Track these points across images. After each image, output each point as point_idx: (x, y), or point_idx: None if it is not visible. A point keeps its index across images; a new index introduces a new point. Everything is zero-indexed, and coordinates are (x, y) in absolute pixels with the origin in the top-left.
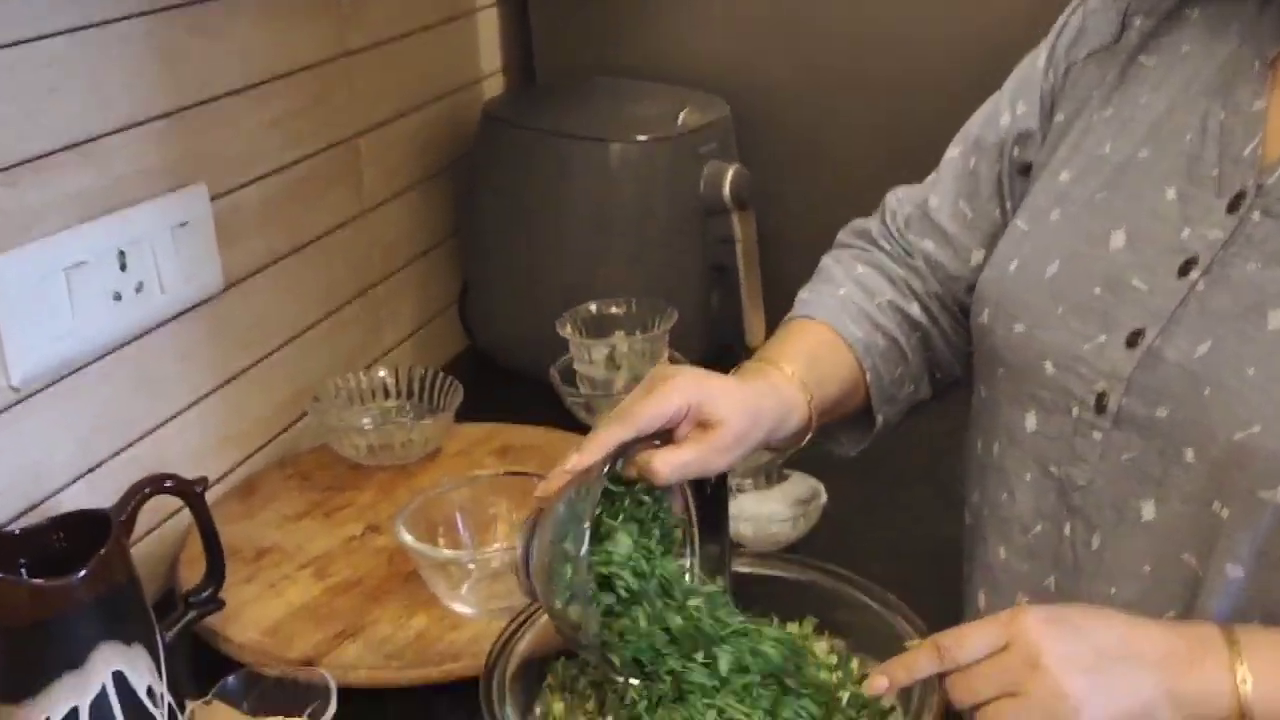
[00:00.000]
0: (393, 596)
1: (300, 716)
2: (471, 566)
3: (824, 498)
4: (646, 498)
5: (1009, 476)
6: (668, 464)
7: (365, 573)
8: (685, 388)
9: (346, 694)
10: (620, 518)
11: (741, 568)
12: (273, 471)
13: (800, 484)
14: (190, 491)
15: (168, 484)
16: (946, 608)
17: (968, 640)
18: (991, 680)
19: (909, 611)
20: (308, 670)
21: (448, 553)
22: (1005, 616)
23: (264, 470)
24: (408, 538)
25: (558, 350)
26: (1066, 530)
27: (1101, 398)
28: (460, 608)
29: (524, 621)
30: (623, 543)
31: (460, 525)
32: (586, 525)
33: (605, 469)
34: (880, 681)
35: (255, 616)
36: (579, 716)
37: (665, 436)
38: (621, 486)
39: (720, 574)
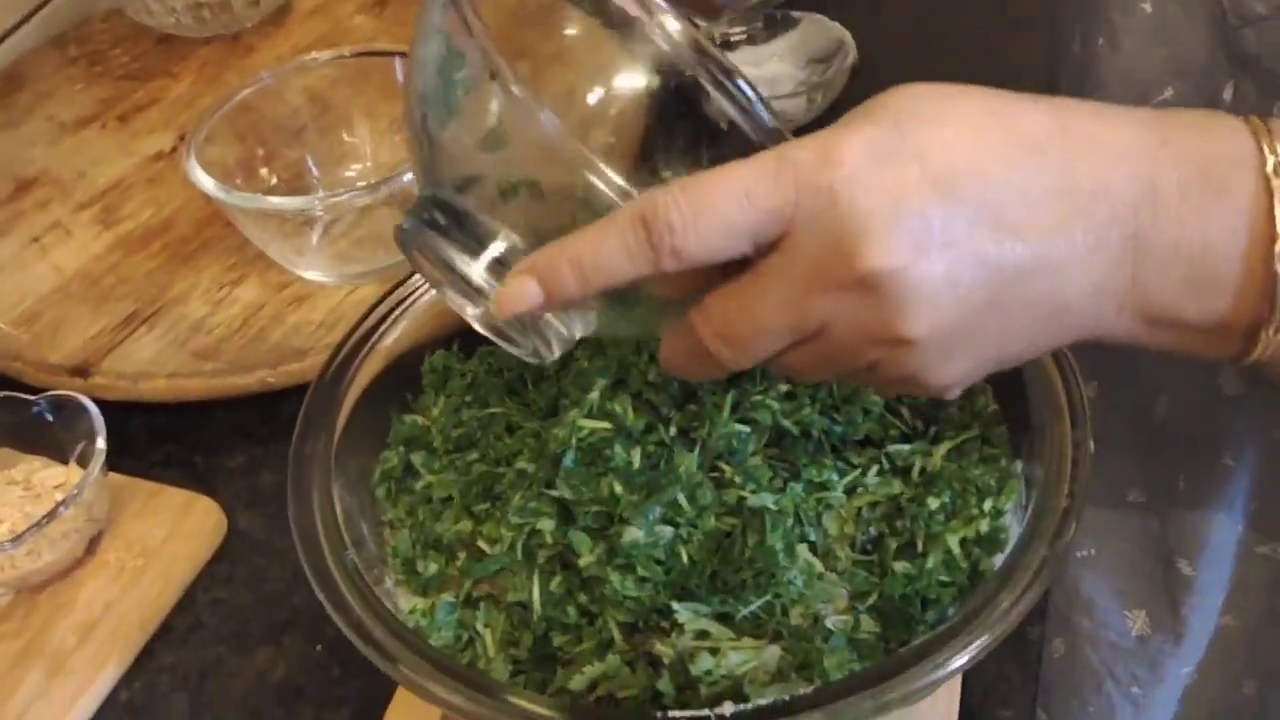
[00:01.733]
0: (211, 251)
1: (65, 463)
2: (320, 213)
3: (852, 54)
4: None
5: None
6: None
7: (173, 213)
8: None
9: (141, 413)
10: None
11: None
12: (47, 55)
13: (816, 33)
14: None
15: None
16: None
17: (702, 219)
18: (752, 313)
19: None
20: (61, 395)
21: (275, 201)
22: (791, 157)
23: (34, 53)
24: (207, 181)
25: None
26: None
27: None
28: (308, 272)
29: (399, 305)
30: None
31: (298, 142)
32: None
33: None
34: (516, 294)
35: (6, 296)
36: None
37: None
38: None
39: None
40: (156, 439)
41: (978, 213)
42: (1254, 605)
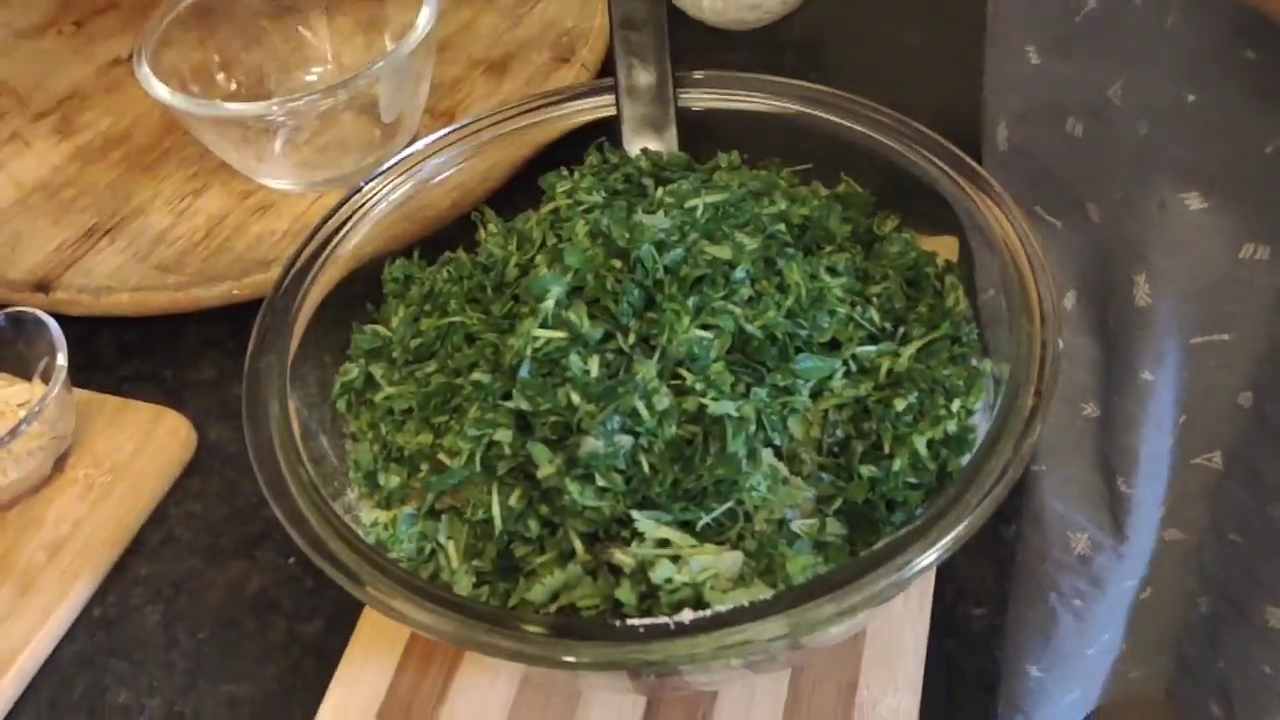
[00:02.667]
0: (172, 160)
1: (28, 379)
2: (280, 118)
3: None
4: None
5: None
6: None
7: (132, 121)
8: None
9: (110, 327)
10: None
11: (699, 100)
12: None
13: None
14: None
15: None
16: None
17: None
18: None
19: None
20: (20, 311)
21: (232, 107)
22: None
23: None
24: (161, 89)
25: None
26: None
27: None
28: (272, 180)
29: (357, 211)
30: None
31: (258, 46)
32: None
33: None
34: None
35: None
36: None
37: None
38: None
39: (662, 109)
40: (126, 354)
41: None
42: (1196, 518)
